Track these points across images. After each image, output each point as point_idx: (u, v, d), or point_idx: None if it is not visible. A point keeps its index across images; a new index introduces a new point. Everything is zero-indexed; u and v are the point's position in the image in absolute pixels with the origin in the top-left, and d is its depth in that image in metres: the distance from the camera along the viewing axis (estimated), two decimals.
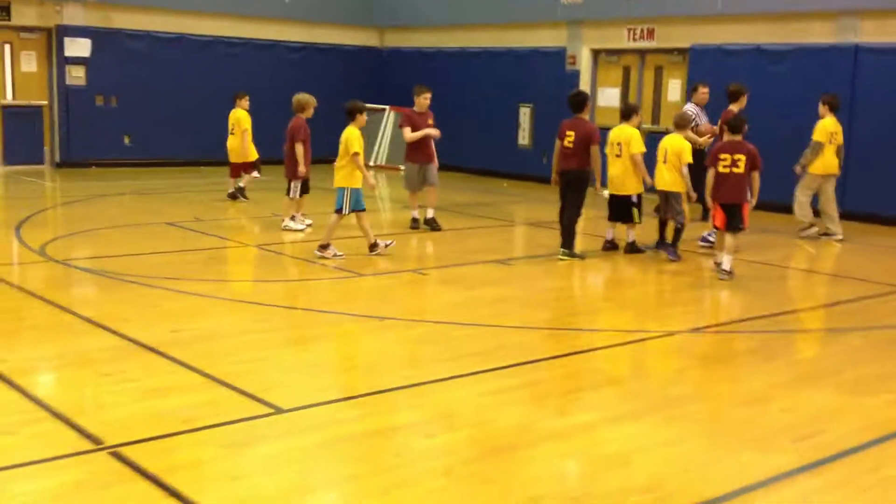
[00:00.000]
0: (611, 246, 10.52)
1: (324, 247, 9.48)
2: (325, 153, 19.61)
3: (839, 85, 13.25)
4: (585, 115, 10.32)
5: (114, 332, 6.50)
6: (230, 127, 14.00)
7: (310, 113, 11.75)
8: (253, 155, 13.93)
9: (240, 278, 8.70)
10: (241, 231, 11.04)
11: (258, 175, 14.14)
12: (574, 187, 10.12)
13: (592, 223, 11.65)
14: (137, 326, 6.63)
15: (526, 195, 15.85)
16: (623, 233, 10.50)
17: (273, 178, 16.66)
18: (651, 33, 15.97)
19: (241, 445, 4.63)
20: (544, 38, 17.76)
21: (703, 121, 12.05)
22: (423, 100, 11.71)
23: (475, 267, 9.61)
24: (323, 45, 20.09)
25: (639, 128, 10.61)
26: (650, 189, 10.53)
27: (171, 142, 18.31)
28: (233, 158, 13.93)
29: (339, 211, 9.53)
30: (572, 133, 10.10)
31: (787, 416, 5.38)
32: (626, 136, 10.25)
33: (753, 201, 9.43)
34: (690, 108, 11.97)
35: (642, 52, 16.35)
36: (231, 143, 13.92)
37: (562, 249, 10.07)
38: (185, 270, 8.69)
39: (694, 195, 10.24)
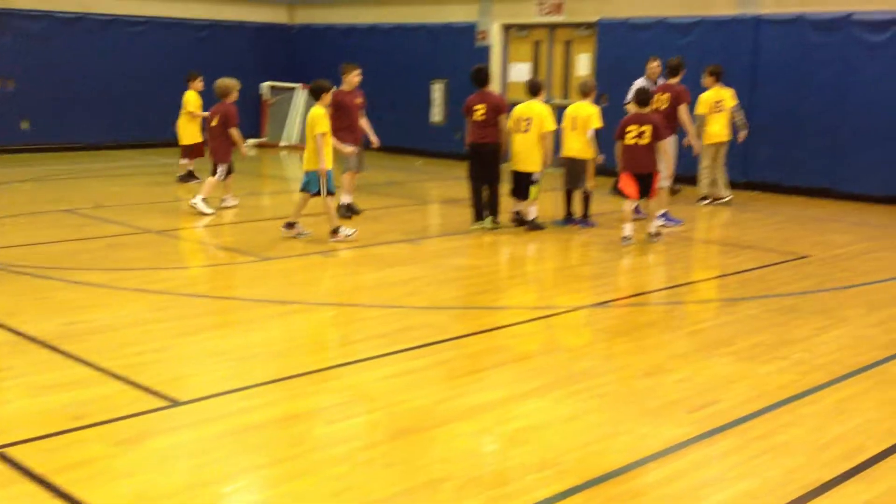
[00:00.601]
0: (519, 219, 10.61)
1: (290, 225, 9.59)
2: (246, 132, 19.39)
3: (742, 55, 13.55)
4: (490, 88, 10.52)
5: (1, 327, 6.29)
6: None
7: (235, 96, 11.77)
8: (193, 138, 13.45)
9: (139, 266, 8.44)
10: (143, 216, 10.77)
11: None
12: (490, 160, 10.30)
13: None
14: (28, 320, 6.42)
15: (440, 173, 15.85)
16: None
17: (174, 162, 16.38)
18: (560, 7, 16.04)
19: (135, 441, 4.53)
20: (456, 14, 17.73)
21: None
22: (354, 77, 11.19)
23: (385, 247, 9.57)
24: (229, 22, 19.71)
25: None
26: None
27: (74, 126, 17.78)
28: (181, 141, 13.58)
29: (316, 194, 9.48)
30: (483, 105, 10.27)
31: (684, 387, 5.49)
32: (537, 112, 10.29)
33: (670, 169, 10.45)
34: (641, 81, 12.07)
35: (552, 27, 16.42)
36: (179, 125, 13.55)
37: (489, 220, 10.43)
38: (83, 260, 8.46)
39: (601, 158, 10.52)
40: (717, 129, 12.27)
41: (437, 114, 18.15)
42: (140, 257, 8.66)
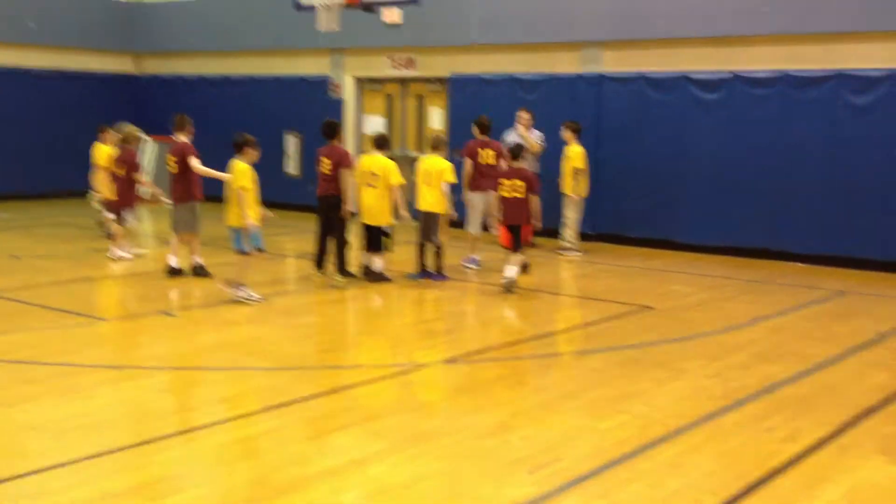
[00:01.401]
0: (369, 273, 10.54)
1: (232, 284, 9.21)
2: (75, 186, 18.68)
3: (586, 111, 13.96)
4: (338, 142, 10.60)
5: None
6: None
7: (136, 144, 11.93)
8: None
9: None
10: None
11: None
12: (336, 212, 10.31)
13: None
14: None
15: (294, 225, 15.56)
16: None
17: (13, 215, 15.56)
18: (412, 62, 16.19)
19: None
20: (308, 66, 17.64)
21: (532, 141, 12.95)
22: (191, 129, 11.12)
23: (230, 305, 9.26)
24: (74, 71, 18.98)
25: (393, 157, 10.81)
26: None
27: None
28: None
29: (242, 252, 9.18)
30: (328, 160, 10.35)
31: (526, 445, 5.45)
32: (382, 167, 10.30)
33: (537, 223, 10.31)
34: (512, 132, 12.90)
35: (404, 81, 16.54)
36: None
37: (337, 275, 10.31)
38: None
39: (454, 214, 10.64)
40: (585, 184, 12.85)
41: (291, 166, 17.92)
42: None
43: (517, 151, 10.31)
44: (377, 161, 10.35)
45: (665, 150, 13.56)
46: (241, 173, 9.13)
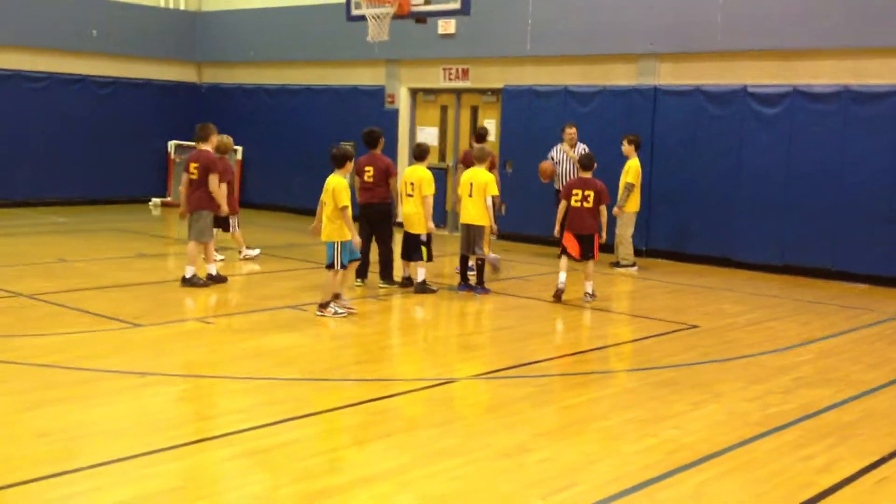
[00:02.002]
0: (408, 282, 10.62)
1: (324, 305, 9.03)
2: (153, 191, 18.96)
3: (640, 125, 13.67)
4: (379, 150, 10.69)
5: None
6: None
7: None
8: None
9: None
10: (18, 279, 10.25)
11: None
12: (379, 220, 10.47)
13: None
14: None
15: None
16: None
17: (67, 220, 15.87)
18: (466, 73, 16.08)
19: None
20: (364, 77, 17.66)
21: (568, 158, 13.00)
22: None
23: (268, 314, 9.23)
24: (136, 79, 19.30)
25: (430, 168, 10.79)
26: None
27: None
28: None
29: (330, 266, 9.05)
30: (370, 168, 10.48)
31: (543, 468, 5.24)
32: (419, 177, 10.28)
33: (604, 234, 10.35)
34: (556, 152, 13.12)
35: (458, 92, 16.43)
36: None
37: (381, 282, 10.61)
38: None
39: (495, 227, 10.51)
40: (638, 198, 12.72)
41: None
42: None
43: (587, 162, 10.41)
44: (416, 171, 10.38)
45: (721, 165, 13.20)
46: (343, 190, 8.91)
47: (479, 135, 11.99)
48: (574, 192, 10.19)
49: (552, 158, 13.05)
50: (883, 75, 11.93)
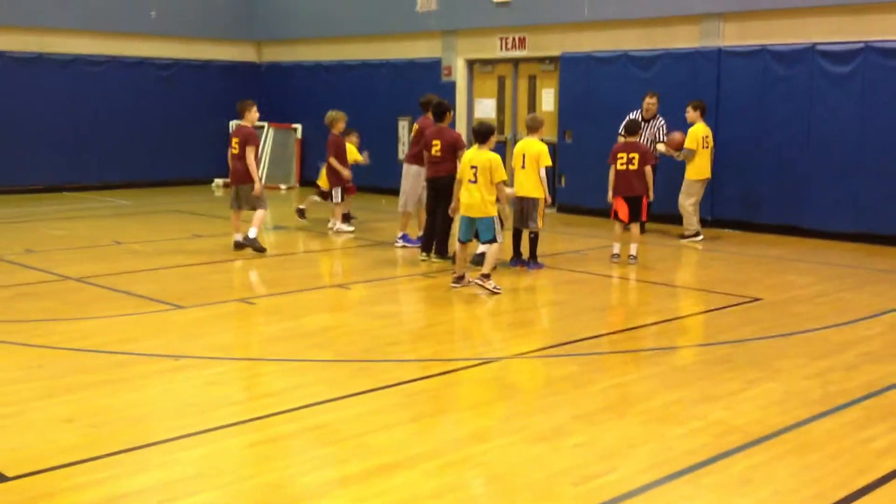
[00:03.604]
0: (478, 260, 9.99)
1: (485, 275, 8.95)
2: (216, 172, 19.01)
3: (705, 89, 13.12)
4: (447, 123, 10.58)
5: None
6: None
7: (340, 127, 12.77)
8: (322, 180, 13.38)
9: (36, 318, 7.69)
10: (69, 262, 10.28)
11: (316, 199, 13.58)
12: (444, 193, 10.12)
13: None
14: None
15: (380, 209, 15.36)
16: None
17: (131, 203, 16.01)
18: (522, 42, 15.66)
19: None
20: (420, 50, 17.36)
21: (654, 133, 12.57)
22: (255, 113, 11.55)
23: (312, 293, 9.09)
24: (195, 61, 19.35)
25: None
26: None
27: (32, 168, 17.33)
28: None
29: (493, 240, 9.02)
30: (438, 142, 10.35)
31: (578, 453, 4.94)
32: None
33: (651, 194, 10.52)
34: (634, 114, 12.49)
35: (515, 62, 16.02)
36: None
37: (435, 255, 10.49)
38: None
39: (549, 200, 10.15)
40: (706, 165, 12.23)
41: (403, 151, 17.69)
42: (43, 308, 8.15)
43: (632, 127, 10.84)
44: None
45: (791, 128, 12.56)
46: (500, 164, 8.97)
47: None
48: (619, 155, 10.48)
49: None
50: None
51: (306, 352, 6.95)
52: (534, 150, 10.03)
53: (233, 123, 19.40)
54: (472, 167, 9.00)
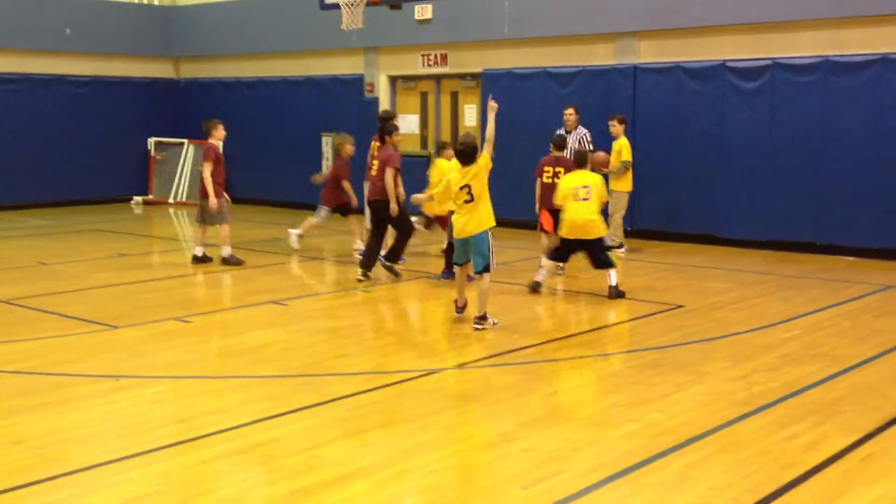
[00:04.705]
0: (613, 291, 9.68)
1: (481, 318, 8.16)
2: (135, 190, 18.72)
3: (622, 104, 13.56)
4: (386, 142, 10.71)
5: None
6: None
7: (348, 150, 12.31)
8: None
9: None
10: None
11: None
12: (384, 216, 10.45)
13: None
14: None
15: (328, 227, 15.40)
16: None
17: (46, 223, 15.69)
18: (444, 58, 15.93)
19: None
20: (342, 66, 17.51)
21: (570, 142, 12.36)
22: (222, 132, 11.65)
23: (249, 310, 9.12)
24: (113, 77, 19.09)
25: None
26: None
27: None
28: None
29: (486, 269, 8.16)
30: (376, 162, 10.54)
31: (525, 458, 5.14)
32: (594, 182, 9.69)
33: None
34: (561, 132, 12.35)
35: (437, 78, 16.29)
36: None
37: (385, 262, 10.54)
38: None
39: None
40: (630, 178, 12.64)
41: (327, 167, 17.76)
42: None
43: (559, 142, 11.10)
44: (589, 176, 9.74)
45: (704, 142, 13.10)
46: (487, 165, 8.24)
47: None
48: (546, 169, 10.78)
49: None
50: (863, 45, 11.82)
51: (249, 368, 7.02)
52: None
53: (152, 141, 19.25)
54: (464, 187, 8.20)
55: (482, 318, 8.17)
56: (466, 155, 8.19)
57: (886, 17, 11.65)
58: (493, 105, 8.48)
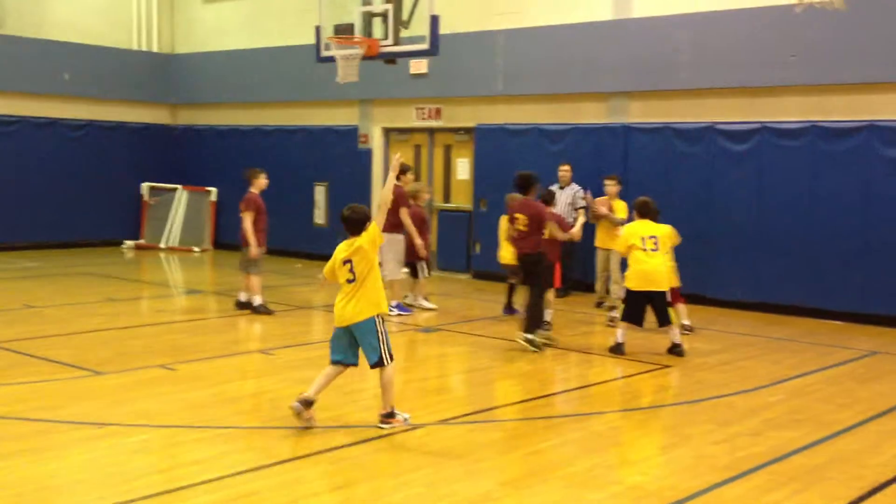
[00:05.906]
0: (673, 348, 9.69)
1: (388, 415, 6.86)
2: (127, 234, 18.73)
3: (612, 162, 13.69)
4: (533, 196, 10.09)
5: None
6: None
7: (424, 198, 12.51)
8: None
9: None
10: None
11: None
12: (530, 270, 9.94)
13: None
14: None
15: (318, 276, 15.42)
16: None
17: (34, 265, 15.67)
18: (438, 112, 16.11)
19: None
20: (337, 117, 17.67)
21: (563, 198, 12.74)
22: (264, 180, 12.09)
23: (234, 358, 9.11)
24: (109, 122, 19.21)
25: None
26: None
27: None
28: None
29: (380, 364, 6.74)
30: (523, 215, 9.90)
31: None
32: (665, 232, 9.88)
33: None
34: (554, 188, 12.53)
35: (431, 131, 16.45)
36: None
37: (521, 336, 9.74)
38: None
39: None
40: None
41: (319, 216, 17.87)
42: None
43: (549, 198, 10.80)
44: (658, 227, 9.86)
45: (692, 201, 13.21)
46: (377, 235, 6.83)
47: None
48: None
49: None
50: (848, 111, 12.01)
51: (231, 418, 6.99)
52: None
53: (145, 185, 19.31)
54: (347, 262, 6.79)
55: (389, 416, 6.83)
56: (352, 223, 6.74)
57: (871, 86, 11.86)
58: (395, 163, 7.00)
